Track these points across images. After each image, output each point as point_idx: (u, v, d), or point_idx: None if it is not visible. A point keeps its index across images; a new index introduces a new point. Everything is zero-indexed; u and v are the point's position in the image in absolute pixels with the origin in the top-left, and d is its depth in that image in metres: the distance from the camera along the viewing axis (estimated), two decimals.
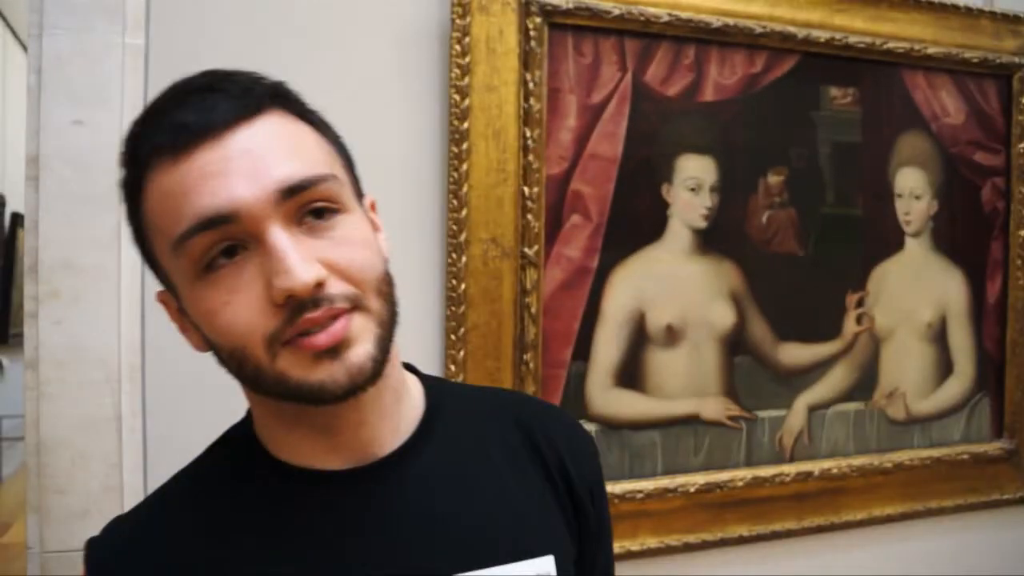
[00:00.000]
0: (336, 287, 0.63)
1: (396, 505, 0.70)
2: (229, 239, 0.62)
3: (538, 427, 0.80)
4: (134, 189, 0.66)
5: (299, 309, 0.61)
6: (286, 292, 0.60)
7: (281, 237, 0.61)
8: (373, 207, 0.76)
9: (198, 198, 0.61)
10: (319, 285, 0.61)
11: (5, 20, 5.76)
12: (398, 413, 0.74)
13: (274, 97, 0.67)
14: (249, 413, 0.75)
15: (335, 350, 0.63)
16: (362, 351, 0.64)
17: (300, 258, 0.61)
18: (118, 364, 1.24)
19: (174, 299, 0.69)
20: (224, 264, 0.62)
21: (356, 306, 0.64)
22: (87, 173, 1.22)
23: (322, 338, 0.62)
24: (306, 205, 0.64)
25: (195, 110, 0.63)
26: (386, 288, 0.67)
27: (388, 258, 0.71)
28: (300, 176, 0.63)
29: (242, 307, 0.62)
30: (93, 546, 0.71)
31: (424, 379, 0.81)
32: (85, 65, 1.22)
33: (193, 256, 0.62)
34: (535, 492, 0.77)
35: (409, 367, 0.81)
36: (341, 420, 0.69)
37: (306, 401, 0.64)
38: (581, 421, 1.43)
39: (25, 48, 5.40)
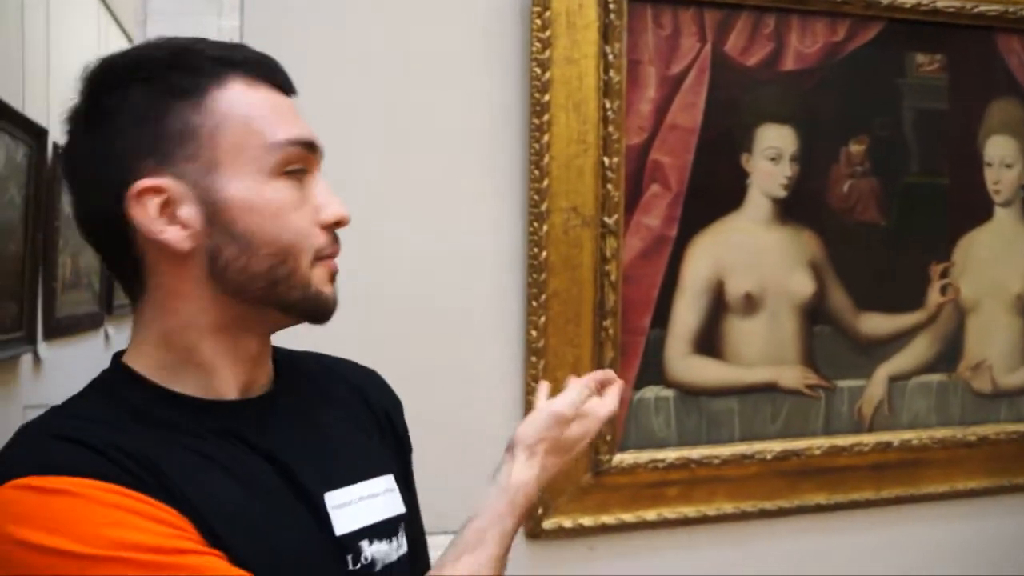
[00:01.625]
0: None
1: (276, 433, 0.78)
2: (304, 163, 0.76)
3: (357, 380, 0.93)
4: (208, 79, 0.73)
5: (335, 237, 0.77)
6: (340, 217, 0.76)
7: (323, 178, 0.78)
8: None
9: (298, 123, 0.76)
10: None
11: (110, 11, 6.02)
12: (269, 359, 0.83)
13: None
14: (117, 365, 0.78)
15: (334, 276, 0.78)
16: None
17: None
18: None
19: (189, 189, 0.71)
20: (299, 176, 0.75)
21: None
22: None
23: (335, 265, 0.78)
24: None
25: (263, 58, 0.77)
26: None
27: None
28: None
29: (305, 216, 0.75)
30: (33, 448, 0.69)
31: None
32: None
33: (288, 158, 0.74)
34: (364, 426, 0.89)
35: None
36: (263, 351, 0.80)
37: (312, 312, 0.77)
38: (659, 387, 1.49)
39: (128, 37, 5.64)
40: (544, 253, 1.40)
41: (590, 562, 1.48)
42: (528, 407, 1.40)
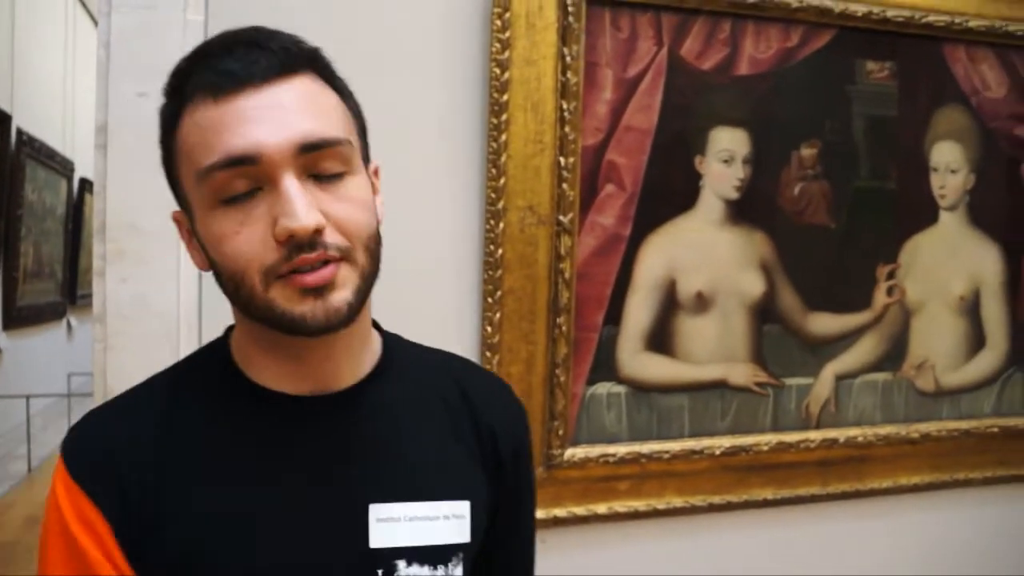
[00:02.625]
0: (332, 237, 0.71)
1: (341, 433, 0.80)
2: (247, 178, 0.70)
3: (474, 390, 0.89)
4: (172, 117, 0.74)
5: (296, 249, 0.70)
6: (288, 231, 0.69)
7: (292, 184, 0.70)
8: (376, 173, 0.84)
9: (230, 137, 0.70)
10: (318, 231, 0.70)
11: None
12: (360, 356, 0.83)
13: (310, 61, 0.76)
14: (227, 334, 0.84)
15: (320, 290, 0.71)
16: (341, 297, 0.72)
17: (305, 204, 0.69)
18: (177, 319, 1.33)
19: (187, 220, 0.77)
20: (240, 199, 0.71)
21: (345, 257, 0.72)
22: (151, 142, 1.30)
23: (311, 278, 0.70)
24: (320, 162, 0.72)
25: (241, 60, 0.71)
26: (373, 246, 0.76)
27: (381, 220, 0.80)
28: (319, 136, 0.71)
29: (248, 238, 0.71)
30: (69, 432, 0.79)
31: (384, 333, 0.90)
32: (149, 40, 1.30)
33: (214, 187, 0.71)
34: (462, 445, 0.86)
35: (374, 323, 0.89)
36: (311, 352, 0.78)
37: (285, 330, 0.73)
38: (611, 383, 1.51)
39: (96, 23, 5.57)
40: (500, 251, 1.42)
41: (542, 554, 1.49)
42: None
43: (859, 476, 1.69)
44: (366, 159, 0.81)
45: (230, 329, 0.84)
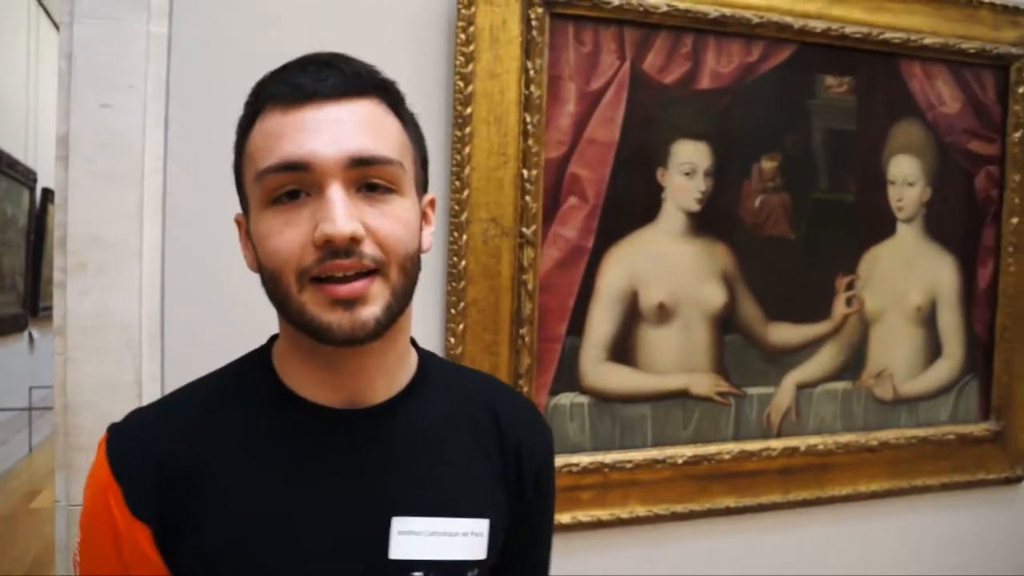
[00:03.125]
0: (368, 248, 0.74)
1: (370, 447, 0.82)
2: (298, 184, 0.74)
3: (504, 412, 0.92)
4: (246, 125, 0.80)
5: (332, 254, 0.73)
6: (326, 236, 0.72)
7: (337, 192, 0.73)
8: (432, 204, 0.88)
9: (287, 144, 0.74)
10: (355, 240, 0.73)
11: (43, 7, 5.89)
12: (395, 373, 0.85)
13: (378, 88, 0.80)
14: (270, 342, 0.88)
15: (350, 303, 0.74)
16: (370, 312, 0.75)
17: (346, 213, 0.73)
18: (139, 332, 1.32)
19: (246, 221, 0.82)
20: (288, 202, 0.75)
21: (379, 270, 0.75)
22: (113, 153, 1.30)
23: (343, 290, 0.74)
24: (369, 177, 0.75)
25: (312, 76, 0.76)
26: (410, 267, 0.78)
27: (426, 249, 0.84)
28: (370, 153, 0.75)
29: (290, 239, 0.74)
30: (112, 430, 0.83)
31: (420, 352, 0.92)
32: (112, 52, 1.30)
33: (267, 188, 0.75)
34: (487, 463, 0.88)
35: (411, 341, 0.91)
36: (345, 363, 0.80)
37: (313, 336, 0.76)
38: (574, 393, 1.52)
39: (59, 30, 5.50)
40: (463, 262, 1.43)
41: None
42: None
43: (820, 484, 1.72)
44: (422, 188, 0.85)
45: (273, 338, 0.88)
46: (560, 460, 1.52)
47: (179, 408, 0.84)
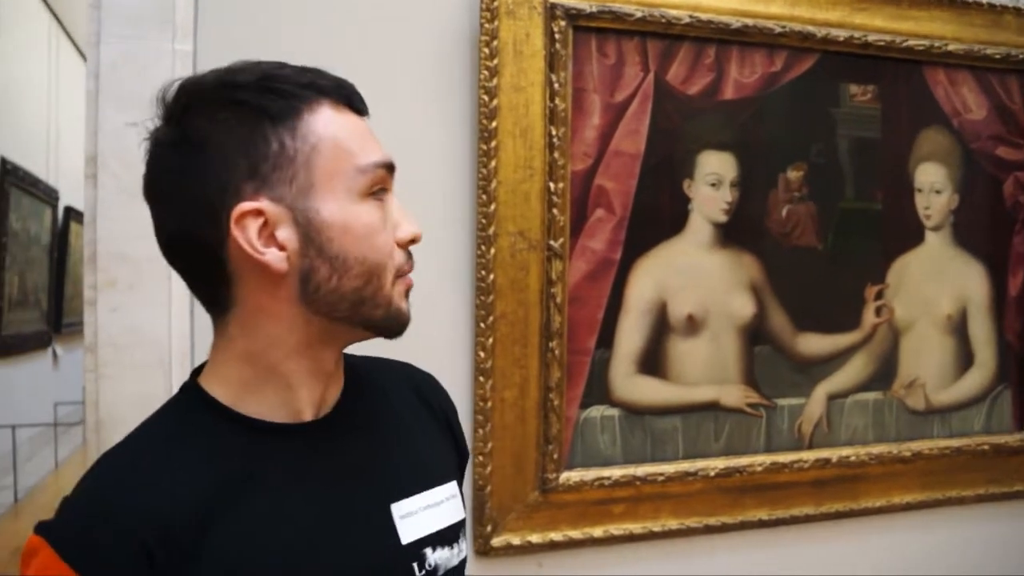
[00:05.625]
0: None
1: (347, 447, 0.83)
2: (385, 184, 0.79)
3: (415, 381, 0.97)
4: (300, 103, 0.76)
5: (409, 254, 0.80)
6: (415, 236, 0.80)
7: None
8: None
9: (373, 144, 0.79)
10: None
11: (64, 29, 5.97)
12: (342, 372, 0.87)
13: None
14: (194, 388, 0.80)
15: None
16: None
17: None
18: (169, 348, 1.33)
19: (286, 211, 0.74)
20: (381, 196, 0.79)
21: None
22: (140, 171, 1.30)
23: (411, 281, 0.81)
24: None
25: (344, 84, 0.80)
26: None
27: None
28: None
29: (388, 235, 0.78)
30: (61, 525, 0.71)
31: None
32: (138, 70, 1.31)
33: (374, 180, 0.77)
34: (432, 431, 0.93)
35: None
36: (338, 366, 0.84)
37: (389, 327, 0.80)
38: (604, 406, 1.52)
39: (82, 55, 5.59)
40: (492, 276, 1.43)
41: None
42: (476, 427, 1.43)
43: (853, 495, 1.70)
44: None
45: (191, 383, 0.81)
46: (592, 473, 1.51)
47: (135, 479, 0.73)
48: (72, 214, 6.22)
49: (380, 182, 0.78)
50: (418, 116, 1.43)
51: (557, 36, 1.45)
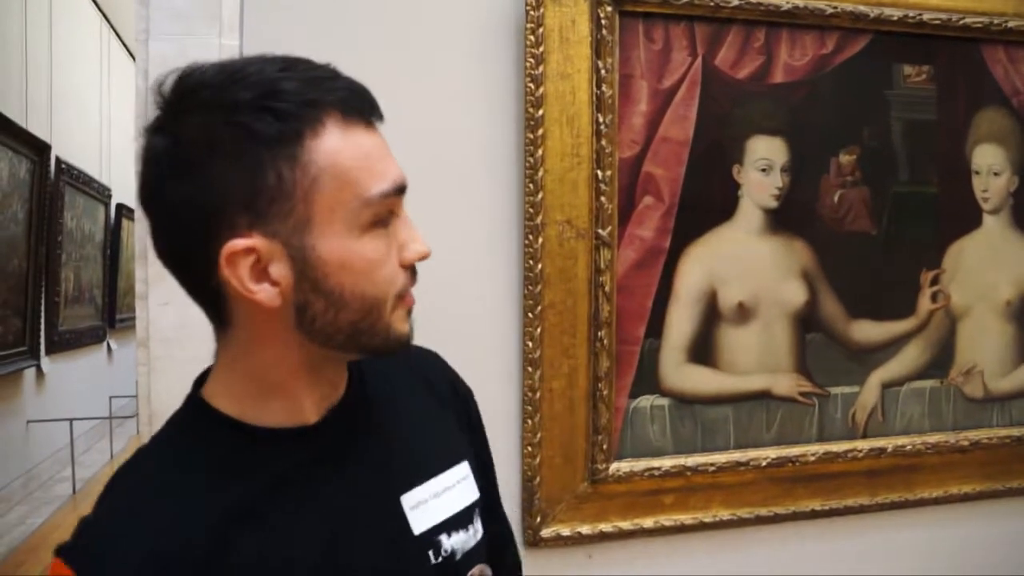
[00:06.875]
0: None
1: (353, 445, 0.82)
2: (394, 208, 0.75)
3: (419, 364, 0.95)
4: (302, 125, 0.69)
5: (413, 271, 0.76)
6: (422, 255, 0.76)
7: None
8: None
9: (392, 166, 0.74)
10: None
11: (114, 28, 6.07)
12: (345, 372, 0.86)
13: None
14: (196, 403, 0.79)
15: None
16: None
17: None
18: None
19: (280, 247, 0.70)
20: (388, 221, 0.74)
21: None
22: None
23: (411, 300, 0.77)
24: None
25: (354, 85, 0.74)
26: None
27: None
28: None
29: (391, 263, 0.74)
30: (70, 553, 0.70)
31: None
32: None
33: (381, 211, 0.73)
34: (446, 415, 0.93)
35: None
36: (341, 373, 0.83)
37: (388, 348, 0.77)
38: (654, 395, 1.50)
39: (130, 53, 5.68)
40: (539, 265, 1.42)
41: (588, 570, 1.50)
42: (525, 417, 1.43)
43: (908, 485, 1.66)
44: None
45: (197, 397, 0.80)
46: (642, 464, 1.50)
47: (151, 504, 0.72)
48: (124, 211, 6.35)
49: (388, 209, 0.73)
50: (463, 105, 1.43)
51: (603, 22, 1.43)
